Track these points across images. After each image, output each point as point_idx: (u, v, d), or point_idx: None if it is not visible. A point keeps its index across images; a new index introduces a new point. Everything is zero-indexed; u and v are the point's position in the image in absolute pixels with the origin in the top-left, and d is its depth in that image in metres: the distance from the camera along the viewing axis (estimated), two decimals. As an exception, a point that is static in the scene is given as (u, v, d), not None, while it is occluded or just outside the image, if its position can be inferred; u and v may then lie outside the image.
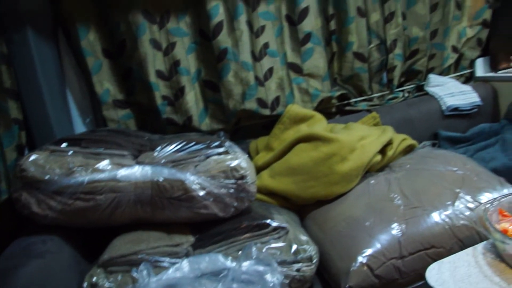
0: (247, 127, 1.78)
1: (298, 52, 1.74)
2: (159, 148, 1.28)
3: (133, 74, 1.63)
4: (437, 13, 1.96)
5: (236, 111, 1.67)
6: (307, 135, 1.47)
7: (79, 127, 1.67)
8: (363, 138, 1.49)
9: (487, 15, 2.06)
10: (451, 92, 1.94)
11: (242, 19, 1.61)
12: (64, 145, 1.25)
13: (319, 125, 1.56)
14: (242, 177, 1.20)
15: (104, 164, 1.20)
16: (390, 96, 1.95)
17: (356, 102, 1.90)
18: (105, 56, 1.62)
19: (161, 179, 1.17)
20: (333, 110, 1.87)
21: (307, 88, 1.77)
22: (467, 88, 1.97)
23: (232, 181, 1.19)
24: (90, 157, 1.21)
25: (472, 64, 2.13)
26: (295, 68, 1.76)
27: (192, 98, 1.65)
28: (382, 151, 1.53)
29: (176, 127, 1.69)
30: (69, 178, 1.16)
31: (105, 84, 1.63)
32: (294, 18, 1.71)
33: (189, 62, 1.65)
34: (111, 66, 1.63)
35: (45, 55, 1.52)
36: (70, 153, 1.21)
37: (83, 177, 1.16)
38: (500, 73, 2.07)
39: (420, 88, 2.03)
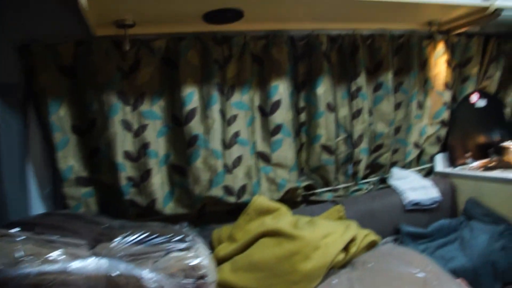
0: (212, 213, 1.75)
1: (268, 142, 1.79)
2: (119, 238, 1.23)
3: (100, 152, 1.60)
4: (400, 111, 2.09)
5: (202, 197, 1.66)
6: (272, 230, 1.46)
7: (36, 201, 1.60)
8: (327, 235, 1.49)
9: (446, 115, 2.21)
10: (413, 187, 2.01)
11: (216, 107, 1.65)
12: (16, 229, 1.18)
13: (284, 218, 1.56)
14: (202, 277, 1.16)
15: (57, 254, 1.13)
16: (355, 188, 2.00)
17: (322, 192, 1.93)
18: (73, 132, 1.59)
19: (116, 274, 1.11)
20: (299, 199, 1.89)
21: (275, 177, 1.79)
22: (427, 183, 2.05)
23: (191, 280, 1.15)
24: (43, 245, 1.14)
25: (432, 159, 2.24)
26: (264, 158, 1.80)
27: (158, 181, 1.63)
28: (346, 247, 1.53)
29: (138, 209, 1.64)
30: (15, 269, 1.08)
31: (70, 161, 1.59)
32: (266, 109, 1.78)
33: (158, 145, 1.65)
34: (78, 143, 1.61)
35: (11, 125, 1.48)
36: (21, 239, 1.14)
37: (31, 268, 1.09)
38: (457, 169, 2.18)
39: (383, 181, 2.10)
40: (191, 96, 1.62)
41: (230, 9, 1.55)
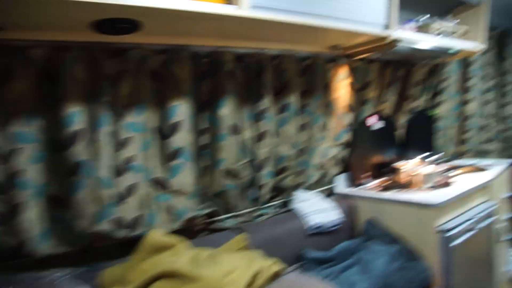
0: (102, 248, 1.53)
1: (166, 167, 1.63)
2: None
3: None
4: (304, 133, 2.09)
5: (87, 233, 1.43)
6: (168, 271, 1.31)
7: None
8: (230, 272, 1.39)
9: (347, 136, 2.27)
10: (315, 209, 2.02)
11: (105, 129, 1.45)
12: None
13: (182, 255, 1.41)
14: None
15: None
16: (259, 213, 1.94)
17: (224, 219, 1.83)
18: None
19: None
20: (200, 228, 1.76)
21: (173, 205, 1.64)
22: (330, 204, 2.08)
23: None
24: None
25: (334, 180, 2.29)
26: (161, 184, 1.63)
27: (32, 217, 1.37)
28: (250, 282, 1.44)
29: (7, 250, 1.36)
30: None
31: None
32: (165, 131, 1.62)
33: (33, 173, 1.38)
34: None
35: None
36: None
37: None
38: (357, 190, 2.25)
39: (287, 204, 2.07)
40: (75, 116, 1.39)
41: (125, 19, 1.37)
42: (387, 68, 2.47)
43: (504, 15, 3.14)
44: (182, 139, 1.62)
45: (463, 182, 2.27)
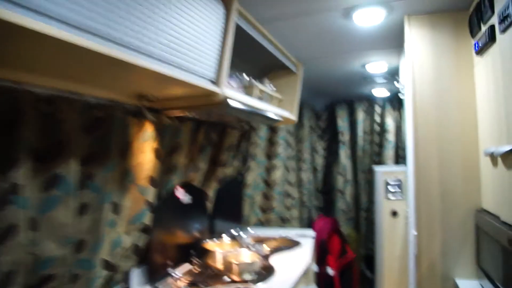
0: None
1: None
2: None
3: None
4: (86, 218, 1.39)
5: None
6: None
7: None
8: None
9: (148, 218, 1.68)
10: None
11: None
12: None
13: None
14: None
15: None
16: None
17: None
18: None
19: None
20: None
21: None
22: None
23: None
24: None
25: (126, 279, 1.63)
26: None
27: None
28: None
29: None
30: None
31: None
32: None
33: None
34: None
35: None
36: None
37: None
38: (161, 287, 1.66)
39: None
40: None
41: None
42: (200, 129, 2.05)
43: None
44: None
45: (284, 265, 1.98)
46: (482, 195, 1.69)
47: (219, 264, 2.00)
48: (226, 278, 1.93)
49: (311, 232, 2.74)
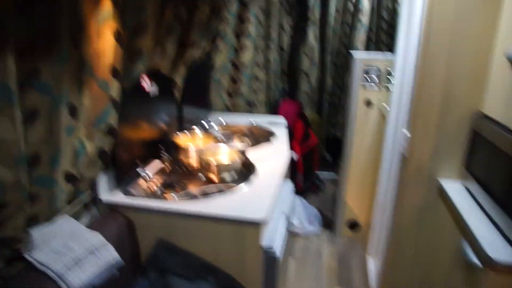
0: None
1: None
2: None
3: None
4: (37, 128, 1.07)
5: None
6: None
7: None
8: None
9: (113, 117, 1.38)
10: (74, 256, 1.14)
11: None
12: None
13: None
14: None
15: None
16: None
17: None
18: None
19: None
20: None
21: None
22: (97, 238, 1.23)
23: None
24: None
25: (93, 186, 1.41)
26: None
27: None
28: None
29: None
30: None
31: None
32: None
33: None
34: None
35: None
36: None
37: None
38: (134, 199, 1.47)
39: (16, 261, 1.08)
40: None
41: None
42: (167, 4, 1.62)
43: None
44: None
45: (264, 161, 1.84)
46: (486, 100, 1.57)
47: (193, 162, 1.82)
48: (202, 177, 1.78)
49: (282, 120, 2.59)
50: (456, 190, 1.63)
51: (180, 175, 1.85)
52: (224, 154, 1.83)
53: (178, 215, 1.37)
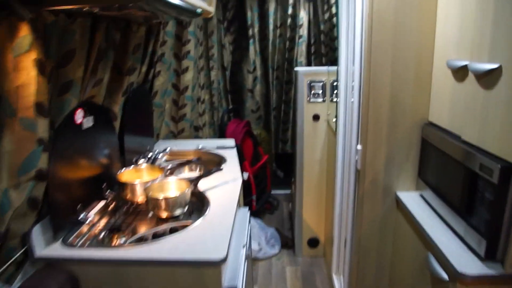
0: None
1: None
2: None
3: None
4: None
5: None
6: None
7: None
8: None
9: (43, 160, 1.21)
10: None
11: None
12: None
13: None
14: None
15: None
16: None
17: None
18: None
19: None
20: None
21: None
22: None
23: None
24: None
25: (25, 241, 1.22)
26: None
27: None
28: None
29: None
30: None
31: None
32: None
33: None
34: None
35: None
36: None
37: None
38: (76, 250, 1.30)
39: None
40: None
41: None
42: (98, 27, 1.48)
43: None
44: None
45: (217, 190, 1.73)
46: (432, 108, 1.59)
47: (140, 198, 1.67)
48: (152, 216, 1.64)
49: (231, 142, 2.50)
50: (413, 200, 1.63)
51: (127, 216, 1.69)
52: (173, 187, 1.70)
53: (128, 263, 1.22)
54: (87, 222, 1.48)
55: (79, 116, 1.45)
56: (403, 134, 1.64)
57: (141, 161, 1.93)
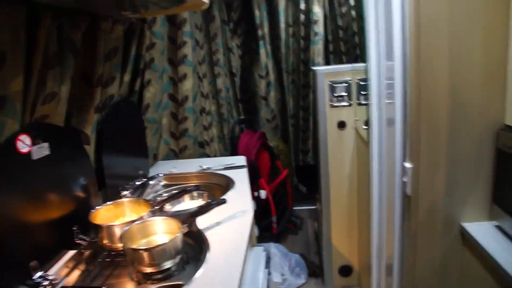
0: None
1: None
2: None
3: None
4: None
5: None
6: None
7: None
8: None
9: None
10: None
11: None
12: None
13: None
14: None
15: None
16: None
17: None
18: None
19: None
20: None
21: None
22: None
23: None
24: None
25: None
26: None
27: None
28: None
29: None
30: None
31: None
32: None
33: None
34: None
35: None
36: None
37: None
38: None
39: None
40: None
41: None
42: (42, 21, 1.09)
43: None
44: None
45: (220, 229, 1.32)
46: (508, 106, 1.14)
47: (120, 244, 1.26)
48: (135, 270, 1.22)
49: (241, 160, 2.09)
50: (487, 232, 1.18)
51: (103, 268, 1.29)
52: (161, 229, 1.29)
53: None
54: (46, 283, 1.08)
55: (23, 143, 1.06)
56: (470, 145, 1.19)
57: (124, 192, 1.53)
